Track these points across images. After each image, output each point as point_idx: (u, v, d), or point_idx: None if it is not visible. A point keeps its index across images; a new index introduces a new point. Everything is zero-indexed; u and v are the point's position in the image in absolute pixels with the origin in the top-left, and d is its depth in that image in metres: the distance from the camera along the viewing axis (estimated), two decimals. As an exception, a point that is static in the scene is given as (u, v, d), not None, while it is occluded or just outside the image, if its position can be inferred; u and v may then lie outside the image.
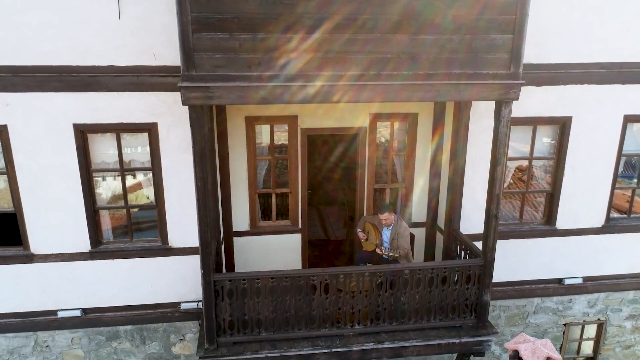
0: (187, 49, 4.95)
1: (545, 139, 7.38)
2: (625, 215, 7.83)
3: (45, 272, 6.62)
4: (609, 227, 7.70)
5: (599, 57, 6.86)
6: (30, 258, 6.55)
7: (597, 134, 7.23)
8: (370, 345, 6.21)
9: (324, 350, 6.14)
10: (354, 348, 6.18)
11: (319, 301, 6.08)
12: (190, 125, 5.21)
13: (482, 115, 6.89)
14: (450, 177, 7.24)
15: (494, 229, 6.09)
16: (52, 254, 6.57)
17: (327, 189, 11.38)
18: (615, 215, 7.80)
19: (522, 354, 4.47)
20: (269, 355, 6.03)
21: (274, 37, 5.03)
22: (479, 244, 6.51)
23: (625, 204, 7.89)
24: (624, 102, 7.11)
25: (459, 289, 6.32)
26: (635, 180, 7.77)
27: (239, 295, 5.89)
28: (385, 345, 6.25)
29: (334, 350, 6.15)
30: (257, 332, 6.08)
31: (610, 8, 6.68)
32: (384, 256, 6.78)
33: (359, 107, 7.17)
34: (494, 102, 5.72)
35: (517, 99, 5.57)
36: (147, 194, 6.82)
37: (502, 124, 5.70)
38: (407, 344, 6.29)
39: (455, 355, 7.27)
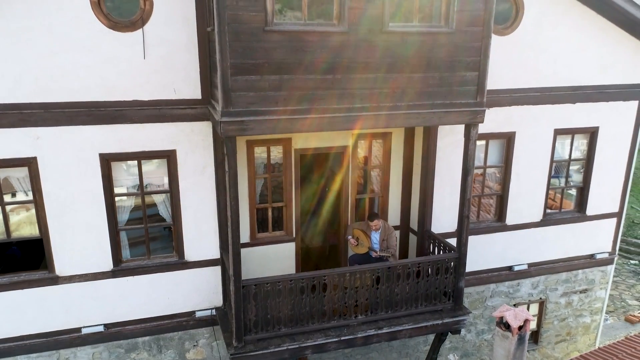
0: (226, 89, 6.09)
1: (494, 151, 9.23)
2: (557, 210, 9.91)
3: (70, 292, 7.34)
4: (546, 220, 9.72)
5: (534, 84, 8.81)
6: (55, 280, 7.25)
7: (535, 145, 9.19)
8: (372, 332, 7.61)
9: (334, 339, 7.45)
10: (359, 335, 7.55)
11: (330, 297, 7.39)
12: (227, 154, 6.34)
13: (446, 133, 8.57)
14: (422, 185, 8.84)
15: (466, 227, 7.76)
16: (76, 275, 7.32)
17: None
18: (549, 210, 9.83)
19: (508, 318, 6.07)
20: (289, 347, 7.23)
21: (296, 78, 6.32)
22: (450, 241, 8.16)
23: (556, 202, 9.97)
24: (554, 119, 9.13)
25: (440, 278, 7.91)
26: (563, 180, 9.86)
27: (262, 297, 7.05)
28: (384, 331, 7.68)
29: (342, 338, 7.48)
30: (278, 329, 7.26)
31: (540, 44, 8.65)
32: (377, 257, 8.21)
33: (343, 129, 8.57)
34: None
35: (482, 122, 7.28)
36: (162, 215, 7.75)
37: (471, 142, 7.38)
38: (401, 328, 7.77)
39: (433, 335, 8.87)
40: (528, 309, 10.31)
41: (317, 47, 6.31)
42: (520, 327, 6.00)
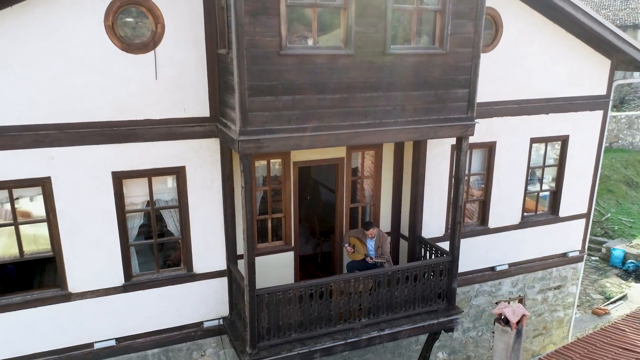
0: (243, 110, 6.58)
1: (477, 159, 10.05)
2: (533, 213, 10.85)
3: (82, 308, 7.60)
4: (523, 223, 10.63)
5: (513, 96, 9.69)
6: (68, 297, 7.50)
7: (513, 153, 10.07)
8: (375, 333, 8.23)
9: (341, 342, 8.01)
10: (363, 337, 8.15)
11: (336, 302, 7.96)
12: (243, 170, 6.82)
13: (435, 145, 9.30)
14: (412, 193, 9.54)
15: (459, 232, 8.51)
16: (88, 291, 7.59)
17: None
18: (526, 214, 10.76)
19: (507, 314, 6.80)
20: (300, 352, 7.75)
21: (307, 97, 6.88)
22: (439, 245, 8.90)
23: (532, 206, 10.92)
24: (530, 128, 10.04)
25: (435, 280, 8.63)
26: (538, 186, 10.81)
27: (274, 305, 7.55)
28: (386, 332, 8.31)
29: (348, 341, 8.06)
30: (289, 334, 7.76)
31: (517, 60, 9.52)
32: (373, 262, 8.84)
33: (338, 142, 9.18)
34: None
35: (473, 134, 8.04)
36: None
37: (463, 153, 8.14)
38: (400, 329, 8.42)
39: (424, 335, 9.58)
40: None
41: (326, 69, 6.89)
42: (517, 322, 6.75)
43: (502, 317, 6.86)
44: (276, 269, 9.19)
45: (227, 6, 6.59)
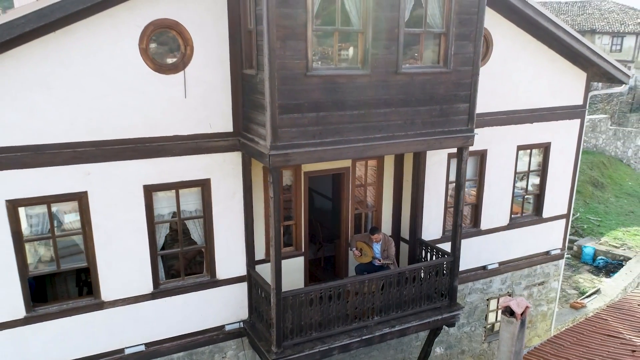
0: (274, 126, 7.32)
1: (470, 166, 11.05)
2: (519, 215, 11.95)
3: (113, 316, 8.15)
4: (511, 224, 11.72)
5: (501, 108, 10.74)
6: (100, 305, 8.04)
7: (502, 160, 11.13)
8: (386, 330, 9.07)
9: (357, 339, 8.82)
10: (376, 334, 8.98)
11: (352, 302, 8.77)
12: (272, 182, 7.55)
13: (433, 153, 10.24)
14: (413, 199, 10.46)
15: (459, 234, 9.46)
16: (119, 299, 8.15)
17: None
18: (514, 215, 11.84)
19: (512, 307, 7.74)
20: (320, 349, 8.51)
21: (329, 114, 7.67)
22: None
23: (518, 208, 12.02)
24: (517, 137, 11.13)
25: (438, 279, 9.55)
26: (524, 189, 11.92)
27: (297, 306, 8.29)
28: (396, 329, 9.17)
29: (363, 338, 8.88)
30: (310, 333, 8.51)
31: (505, 74, 10.58)
32: (380, 264, 9.69)
33: (344, 152, 10.00)
34: (456, 147, 9.09)
35: (472, 145, 9.01)
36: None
37: (463, 162, 9.10)
38: (409, 325, 9.30)
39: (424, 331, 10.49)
40: (498, 302, 12.26)
41: (346, 88, 7.70)
42: (521, 314, 7.72)
43: (508, 309, 7.81)
44: (288, 273, 9.80)
45: (257, 31, 7.34)
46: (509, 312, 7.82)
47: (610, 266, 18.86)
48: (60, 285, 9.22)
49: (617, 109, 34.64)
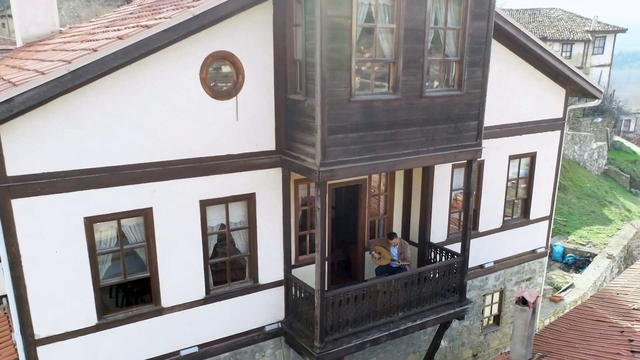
0: (323, 146, 8.61)
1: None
2: (510, 217, 13.68)
3: (170, 320, 9.18)
4: (504, 226, 13.43)
5: (496, 122, 12.41)
6: (160, 311, 9.06)
7: (496, 169, 12.82)
8: (409, 324, 10.50)
9: (385, 333, 10.20)
10: (401, 327, 10.40)
11: (381, 300, 10.14)
12: (320, 195, 8.86)
13: (440, 165, 11.77)
14: (422, 205, 11.95)
15: (469, 236, 11.01)
16: (176, 305, 9.19)
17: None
18: (506, 218, 13.56)
19: (525, 297, 9.30)
20: (356, 343, 9.83)
21: (367, 134, 9.03)
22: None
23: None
24: (508, 148, 12.85)
25: (450, 277, 11.06)
26: (514, 194, 13.66)
27: (337, 305, 9.58)
28: (417, 323, 10.61)
29: (390, 331, 10.26)
30: (346, 329, 9.82)
31: (499, 92, 12.25)
32: (398, 266, 11.10)
33: (362, 165, 11.37)
34: (466, 159, 10.65)
35: (480, 157, 10.59)
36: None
37: (473, 172, 10.67)
38: (427, 319, 10.76)
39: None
40: (492, 298, 13.94)
41: (380, 111, 9.09)
42: (533, 302, 9.31)
43: (521, 299, 9.38)
44: (312, 277, 11.17)
45: (307, 62, 8.61)
46: (522, 301, 9.39)
47: (578, 262, 21.07)
48: (106, 294, 10.14)
49: (571, 114, 37.63)
